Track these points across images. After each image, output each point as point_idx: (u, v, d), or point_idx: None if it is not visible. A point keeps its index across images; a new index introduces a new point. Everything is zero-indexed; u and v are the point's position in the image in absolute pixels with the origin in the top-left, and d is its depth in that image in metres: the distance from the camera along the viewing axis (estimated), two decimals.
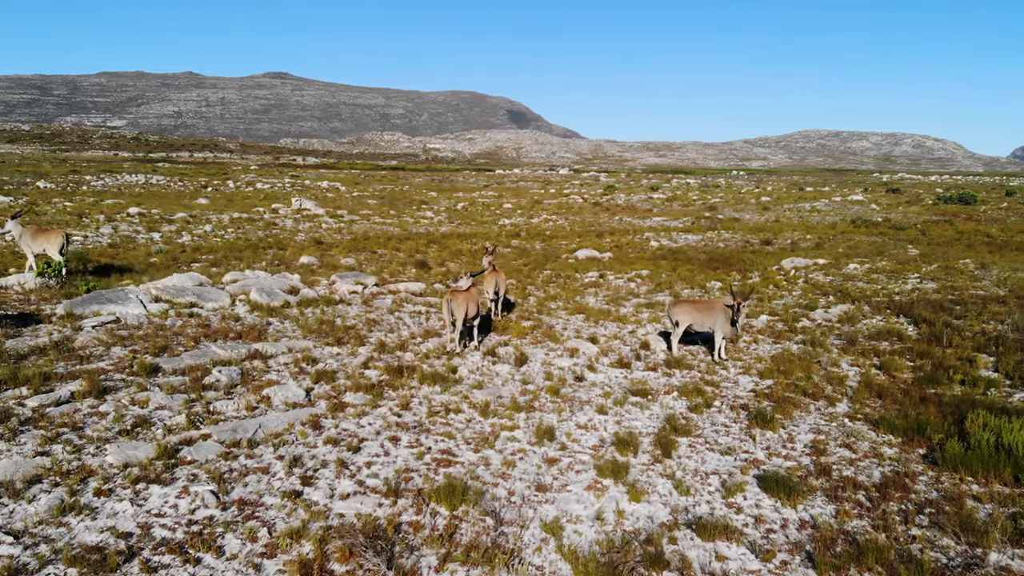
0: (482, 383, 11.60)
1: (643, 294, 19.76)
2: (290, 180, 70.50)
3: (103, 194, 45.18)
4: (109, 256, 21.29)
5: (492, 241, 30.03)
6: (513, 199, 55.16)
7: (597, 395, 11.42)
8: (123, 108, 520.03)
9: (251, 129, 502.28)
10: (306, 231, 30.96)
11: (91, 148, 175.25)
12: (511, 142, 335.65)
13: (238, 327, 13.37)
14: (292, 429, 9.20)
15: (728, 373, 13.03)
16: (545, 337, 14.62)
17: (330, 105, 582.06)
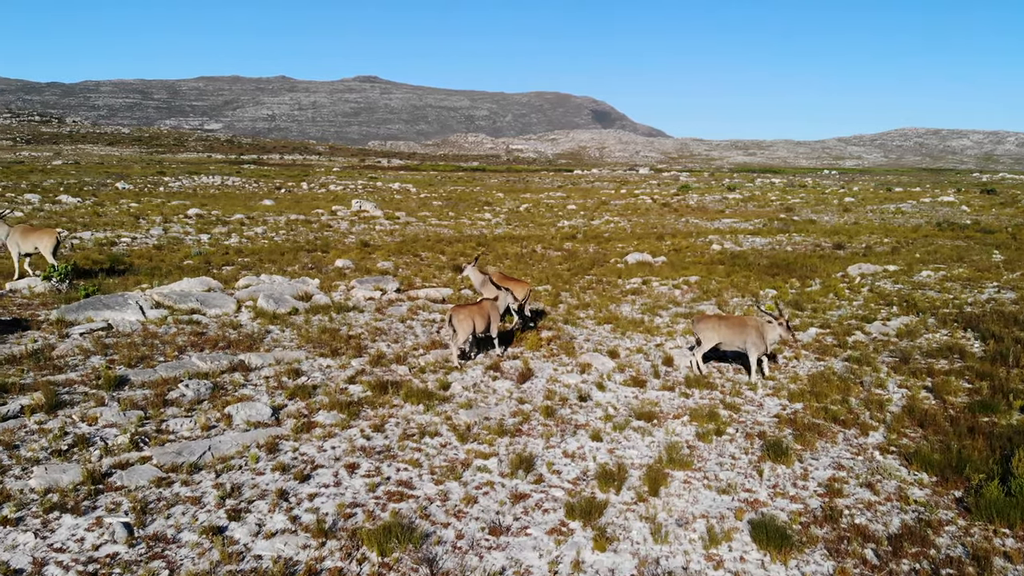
0: (472, 402, 10.73)
1: (685, 303, 18.52)
2: (363, 182, 71.01)
3: (175, 195, 46.14)
4: (146, 257, 21.30)
5: (517, 246, 29.10)
6: (580, 200, 54.00)
7: (597, 418, 10.40)
8: (219, 112, 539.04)
9: (341, 132, 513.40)
10: (358, 233, 30.65)
11: (186, 150, 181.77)
12: (594, 142, 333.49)
13: (234, 335, 12.85)
14: (245, 452, 8.52)
15: (754, 395, 11.80)
16: (561, 350, 13.64)
17: (417, 108, 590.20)
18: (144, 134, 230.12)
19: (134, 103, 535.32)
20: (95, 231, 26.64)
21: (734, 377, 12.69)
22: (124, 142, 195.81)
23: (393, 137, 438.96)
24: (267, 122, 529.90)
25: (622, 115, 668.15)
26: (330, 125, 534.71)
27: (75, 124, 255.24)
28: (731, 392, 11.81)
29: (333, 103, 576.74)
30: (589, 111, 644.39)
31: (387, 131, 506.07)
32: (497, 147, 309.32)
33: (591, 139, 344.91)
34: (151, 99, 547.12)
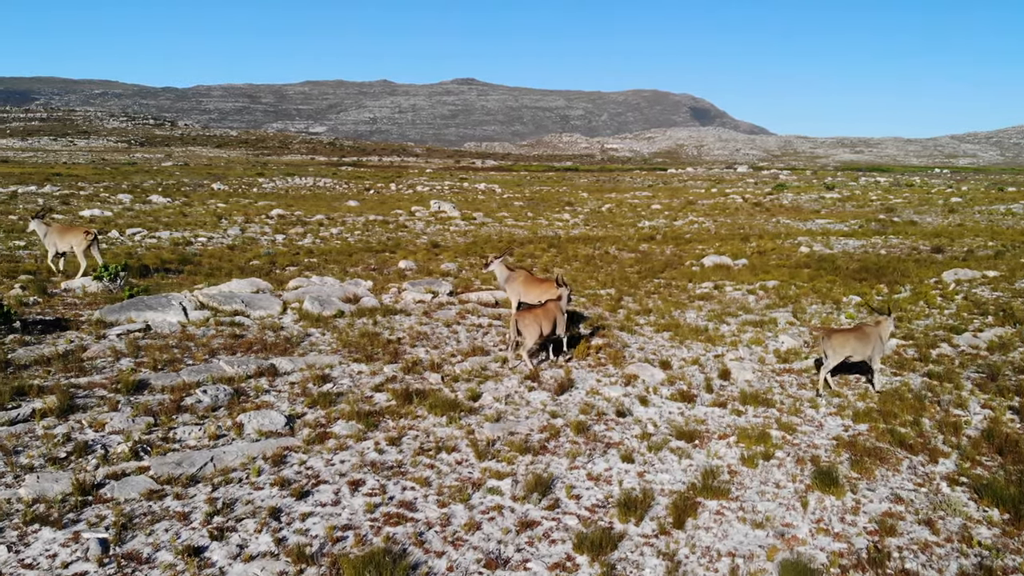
0: (501, 415, 10.10)
1: (757, 309, 17.41)
2: (450, 183, 71.28)
3: (266, 196, 47.18)
4: (216, 257, 21.53)
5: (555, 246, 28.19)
6: (666, 199, 52.59)
7: (632, 436, 9.62)
8: (323, 115, 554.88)
9: (439, 134, 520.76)
10: (431, 234, 30.45)
11: (291, 153, 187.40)
12: (692, 140, 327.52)
13: (271, 338, 12.60)
14: (249, 464, 8.14)
15: (815, 414, 10.77)
16: (609, 359, 12.86)
17: (513, 109, 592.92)
18: (251, 137, 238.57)
19: (243, 107, 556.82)
20: (175, 231, 27.26)
21: (796, 393, 11.67)
22: (232, 144, 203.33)
23: (488, 138, 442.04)
24: (368, 125, 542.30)
25: (722, 112, 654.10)
26: (428, 127, 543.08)
27: (186, 127, 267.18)
28: (790, 410, 10.81)
29: (432, 106, 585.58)
30: (687, 108, 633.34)
31: (483, 132, 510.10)
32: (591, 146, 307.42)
33: (689, 137, 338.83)
34: (259, 103, 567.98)
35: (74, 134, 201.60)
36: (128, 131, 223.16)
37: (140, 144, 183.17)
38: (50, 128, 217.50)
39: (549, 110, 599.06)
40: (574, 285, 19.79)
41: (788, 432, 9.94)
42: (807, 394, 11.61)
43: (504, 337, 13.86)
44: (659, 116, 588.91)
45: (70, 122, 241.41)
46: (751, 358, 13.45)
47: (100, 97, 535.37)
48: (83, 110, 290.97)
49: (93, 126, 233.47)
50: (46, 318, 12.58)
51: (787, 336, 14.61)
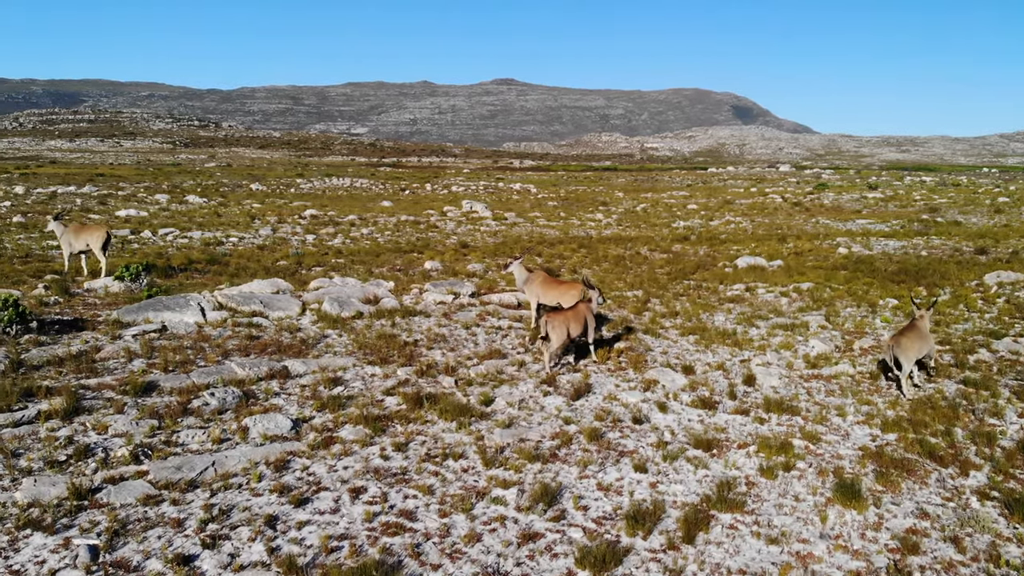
0: (513, 420, 9.84)
1: (789, 312, 16.92)
2: (485, 183, 71.15)
3: (303, 196, 47.48)
4: (245, 257, 21.59)
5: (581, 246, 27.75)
6: (703, 199, 51.84)
7: (648, 444, 9.30)
8: (365, 116, 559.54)
9: (478, 134, 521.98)
10: (461, 234, 30.29)
11: (332, 153, 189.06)
12: (734, 139, 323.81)
13: (287, 340, 12.49)
14: (250, 470, 7.99)
15: (842, 422, 10.34)
16: (630, 363, 12.53)
17: (552, 108, 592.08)
18: (294, 138, 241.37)
19: (286, 108, 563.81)
20: (207, 231, 27.45)
21: (823, 400, 11.22)
22: (275, 146, 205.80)
23: (527, 138, 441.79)
24: (409, 126, 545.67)
25: (765, 111, 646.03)
26: (468, 128, 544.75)
27: (230, 128, 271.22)
28: (815, 418, 10.39)
29: (471, 106, 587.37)
30: (729, 107, 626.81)
31: (522, 132, 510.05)
32: (631, 146, 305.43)
33: (731, 136, 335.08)
34: (302, 104, 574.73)
35: (120, 135, 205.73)
36: (173, 132, 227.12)
37: (185, 145, 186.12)
38: (97, 130, 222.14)
39: (588, 110, 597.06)
40: (601, 287, 19.45)
41: (812, 441, 9.53)
42: (834, 401, 11.17)
43: (523, 340, 13.60)
44: (700, 115, 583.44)
45: (117, 123, 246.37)
46: (779, 363, 13.02)
47: (147, 99, 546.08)
48: (130, 112, 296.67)
49: (139, 127, 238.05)
50: (64, 318, 12.62)
51: (818, 340, 14.13)
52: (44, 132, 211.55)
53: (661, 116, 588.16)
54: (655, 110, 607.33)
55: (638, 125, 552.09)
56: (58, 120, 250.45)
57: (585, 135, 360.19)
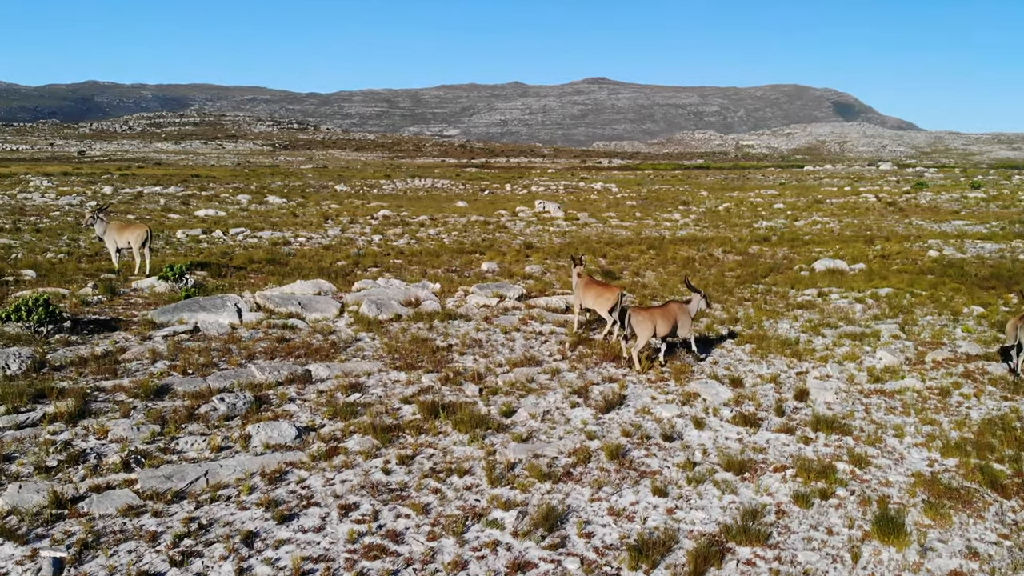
0: (533, 434, 9.28)
1: (861, 320, 15.77)
2: (566, 183, 70.41)
3: (382, 197, 47.92)
4: (307, 257, 21.66)
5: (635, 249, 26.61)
6: (792, 198, 49.82)
7: (674, 465, 8.58)
8: (457, 118, 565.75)
9: (568, 134, 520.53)
10: (528, 235, 29.78)
11: (423, 155, 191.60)
12: (834, 136, 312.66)
13: (318, 343, 12.24)
14: (244, 481, 7.68)
15: (898, 444, 9.38)
16: (673, 374, 11.76)
17: (644, 107, 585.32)
18: (387, 140, 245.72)
19: (382, 111, 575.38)
20: (278, 231, 27.78)
21: (881, 418, 10.24)
22: (369, 148, 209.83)
23: (618, 137, 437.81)
24: (500, 127, 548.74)
25: (867, 107, 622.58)
26: (558, 128, 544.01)
27: (328, 131, 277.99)
28: (868, 439, 9.46)
29: (562, 106, 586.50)
30: (830, 103, 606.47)
31: (612, 131, 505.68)
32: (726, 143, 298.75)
33: (831, 133, 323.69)
34: (397, 107, 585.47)
35: (223, 138, 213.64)
36: (273, 135, 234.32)
37: (284, 147, 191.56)
38: (202, 132, 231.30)
39: (682, 107, 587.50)
40: (662, 290, 18.66)
41: (859, 466, 8.63)
42: (894, 420, 10.17)
43: (563, 346, 13.00)
44: (799, 111, 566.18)
45: (220, 126, 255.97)
46: (839, 376, 12.03)
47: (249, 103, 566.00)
48: (233, 115, 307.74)
49: (241, 130, 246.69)
50: (101, 318, 12.70)
51: (886, 352, 13.03)
52: (152, 135, 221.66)
53: (758, 113, 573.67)
54: (751, 107, 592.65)
55: (733, 122, 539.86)
56: (165, 123, 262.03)
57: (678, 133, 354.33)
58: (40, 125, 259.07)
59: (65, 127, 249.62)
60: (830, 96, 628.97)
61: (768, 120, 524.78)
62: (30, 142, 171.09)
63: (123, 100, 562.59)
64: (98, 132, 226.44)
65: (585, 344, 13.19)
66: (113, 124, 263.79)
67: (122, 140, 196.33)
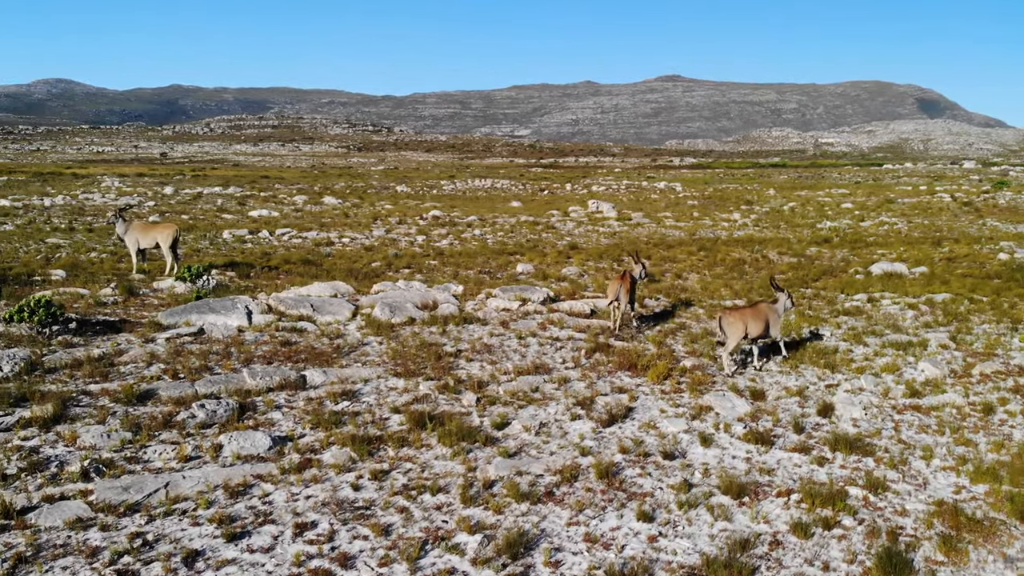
0: (523, 448, 8.76)
1: (910, 328, 14.74)
2: (628, 183, 69.26)
3: (440, 198, 47.89)
4: (346, 258, 21.55)
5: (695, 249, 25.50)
6: (862, 197, 47.84)
7: (668, 486, 7.94)
8: (528, 118, 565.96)
9: (640, 132, 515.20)
10: (576, 235, 29.16)
11: (492, 156, 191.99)
12: (918, 133, 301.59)
13: (323, 347, 11.95)
14: (206, 493, 7.38)
15: (924, 467, 8.54)
16: (691, 384, 11.07)
17: (719, 104, 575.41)
18: (458, 141, 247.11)
19: (454, 112, 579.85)
20: (325, 231, 27.83)
21: (911, 438, 9.39)
22: (440, 149, 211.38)
23: (692, 135, 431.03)
24: (571, 127, 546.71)
25: (952, 104, 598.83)
26: (630, 126, 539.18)
27: (401, 133, 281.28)
28: (891, 461, 8.64)
29: (634, 104, 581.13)
30: (913, 100, 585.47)
31: (686, 130, 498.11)
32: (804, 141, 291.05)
33: (914, 130, 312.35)
34: (469, 108, 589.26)
35: (300, 140, 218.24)
36: (348, 137, 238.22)
37: (357, 149, 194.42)
38: (279, 135, 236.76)
39: (758, 104, 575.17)
40: (702, 293, 17.87)
41: (875, 491, 7.85)
42: (925, 440, 9.31)
43: (579, 353, 12.42)
44: (881, 108, 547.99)
45: (298, 129, 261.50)
46: (873, 390, 11.15)
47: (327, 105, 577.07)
48: (310, 117, 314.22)
49: (318, 132, 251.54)
50: (110, 319, 12.67)
51: (929, 363, 12.06)
52: (231, 137, 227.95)
53: (838, 110, 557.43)
54: (831, 104, 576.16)
55: (812, 119, 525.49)
56: (245, 126, 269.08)
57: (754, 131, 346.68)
58: (126, 128, 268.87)
59: (149, 130, 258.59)
60: (914, 92, 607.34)
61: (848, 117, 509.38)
62: (115, 144, 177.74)
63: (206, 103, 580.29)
64: (180, 134, 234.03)
65: (604, 351, 12.58)
66: (195, 127, 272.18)
67: (203, 142, 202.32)
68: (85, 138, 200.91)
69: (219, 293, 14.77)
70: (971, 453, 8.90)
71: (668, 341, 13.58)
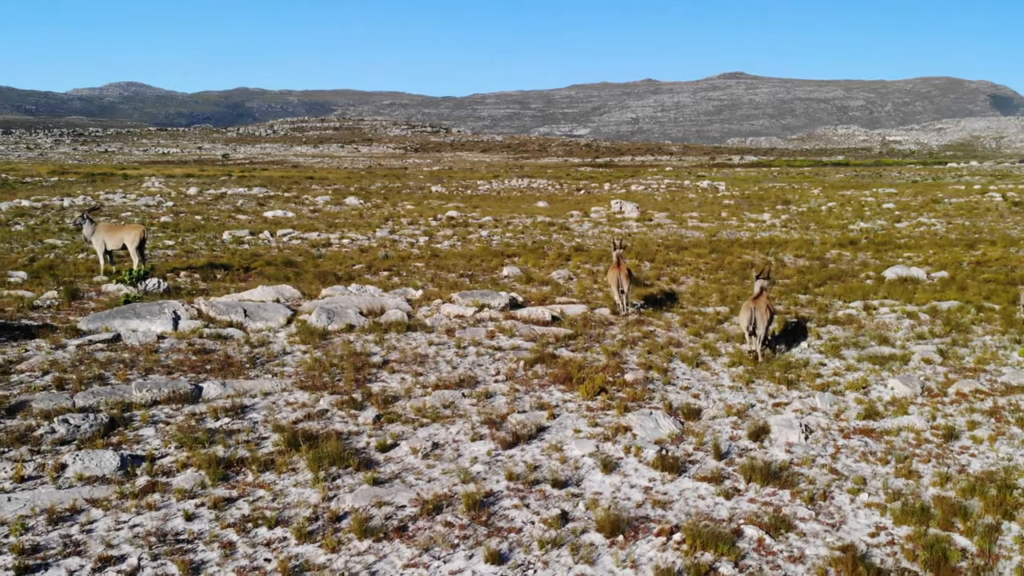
0: (398, 475, 8.01)
1: (900, 340, 13.56)
2: (669, 181, 67.53)
3: (469, 198, 47.28)
4: (336, 260, 21.07)
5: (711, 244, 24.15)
6: (907, 197, 45.60)
7: (540, 520, 7.11)
8: (587, 118, 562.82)
9: (702, 131, 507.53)
10: (588, 237, 28.21)
11: (548, 155, 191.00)
12: (990, 131, 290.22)
13: (238, 357, 11.34)
14: (26, 519, 6.82)
15: (846, 503, 7.54)
16: (622, 401, 10.17)
17: (783, 101, 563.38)
18: (514, 141, 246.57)
19: (513, 113, 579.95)
20: (329, 232, 27.43)
21: (847, 467, 8.38)
22: (495, 149, 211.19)
23: (756, 133, 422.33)
24: (630, 125, 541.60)
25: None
26: (691, 124, 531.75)
27: (459, 134, 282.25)
28: (810, 495, 7.65)
29: (696, 102, 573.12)
30: (986, 97, 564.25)
31: (749, 127, 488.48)
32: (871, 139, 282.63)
33: (986, 128, 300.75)
34: (528, 108, 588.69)
35: (359, 141, 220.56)
36: (406, 138, 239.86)
37: (414, 150, 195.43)
38: (340, 136, 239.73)
39: (824, 101, 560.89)
40: (689, 300, 16.86)
41: (775, 532, 6.90)
42: (863, 470, 8.28)
43: (517, 365, 11.60)
44: (952, 105, 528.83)
45: (358, 130, 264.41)
46: (828, 410, 10.12)
47: (388, 108, 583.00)
48: (370, 119, 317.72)
49: (377, 134, 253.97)
50: (34, 324, 12.31)
51: (900, 381, 10.94)
52: (293, 138, 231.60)
53: (907, 107, 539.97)
54: (900, 101, 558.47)
55: (880, 117, 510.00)
56: (307, 127, 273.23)
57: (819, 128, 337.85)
58: (192, 130, 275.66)
59: (215, 131, 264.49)
60: (986, 89, 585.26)
61: (918, 115, 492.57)
62: (181, 146, 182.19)
63: (271, 106, 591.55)
64: (244, 136, 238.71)
65: (547, 361, 11.74)
66: (259, 129, 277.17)
67: (265, 144, 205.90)
68: (152, 140, 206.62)
69: (169, 296, 14.36)
70: (910, 487, 7.86)
71: (625, 351, 12.66)
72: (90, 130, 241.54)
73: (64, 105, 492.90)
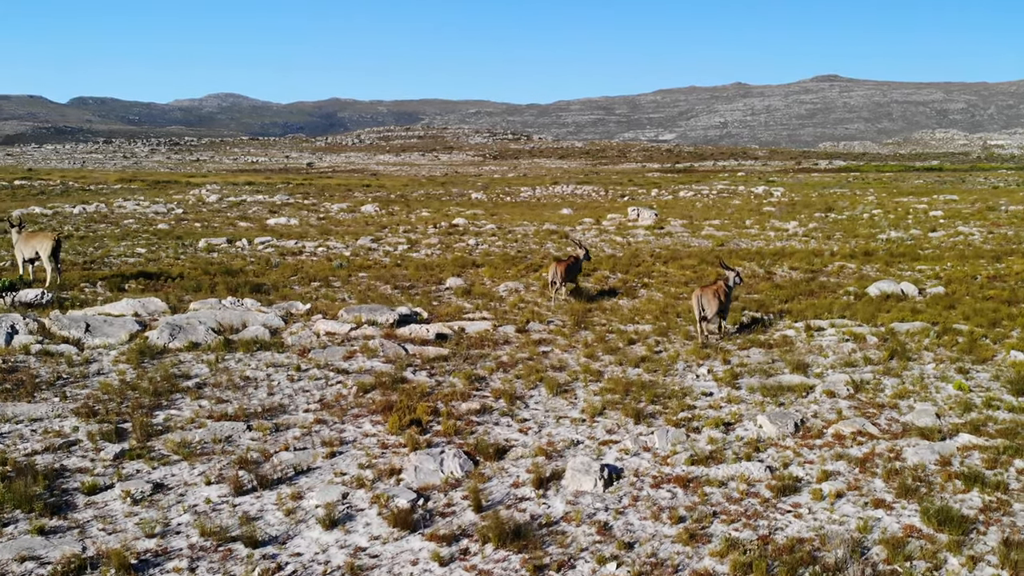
0: (81, 526, 7.03)
1: (820, 367, 11.90)
2: (722, 186, 64.55)
3: (501, 205, 46.35)
4: (292, 269, 20.41)
5: None
6: (963, 205, 42.15)
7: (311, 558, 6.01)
8: (673, 122, 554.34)
9: (793, 134, 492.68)
10: (585, 245, 26.79)
11: (627, 161, 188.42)
12: None
13: (45, 375, 10.52)
14: None
15: (582, 573, 6.18)
16: (431, 436, 8.96)
17: (879, 105, 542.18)
18: (593, 147, 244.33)
19: (598, 119, 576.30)
20: (313, 240, 26.82)
21: (629, 524, 6.96)
22: (574, 155, 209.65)
23: (849, 137, 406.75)
24: (718, 129, 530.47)
25: None
26: (782, 128, 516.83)
27: (539, 141, 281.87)
28: (540, 566, 6.31)
29: (787, 106, 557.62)
30: None
31: (843, 131, 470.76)
32: (971, 143, 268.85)
33: None
34: (613, 114, 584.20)
35: (440, 149, 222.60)
36: (487, 146, 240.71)
37: (493, 157, 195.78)
38: (422, 145, 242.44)
39: (923, 104, 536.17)
40: (627, 315, 15.44)
41: None
42: (642, 532, 6.89)
43: (348, 392, 10.49)
44: None
45: (440, 139, 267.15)
46: (663, 451, 8.69)
47: (474, 116, 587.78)
48: (454, 128, 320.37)
49: (459, 142, 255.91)
50: None
51: (768, 419, 9.38)
52: (378, 147, 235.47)
53: (1011, 110, 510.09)
54: (1004, 103, 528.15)
55: (983, 120, 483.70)
56: (392, 137, 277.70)
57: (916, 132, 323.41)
58: (284, 139, 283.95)
59: (304, 141, 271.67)
60: None
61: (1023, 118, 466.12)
62: (269, 155, 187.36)
63: (362, 115, 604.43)
64: (331, 145, 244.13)
65: (386, 388, 10.58)
66: (346, 138, 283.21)
67: (350, 152, 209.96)
68: (243, 149, 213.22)
69: (51, 308, 13.76)
70: (681, 555, 6.45)
71: (493, 375, 11.40)
72: (185, 139, 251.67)
73: (165, 115, 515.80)
